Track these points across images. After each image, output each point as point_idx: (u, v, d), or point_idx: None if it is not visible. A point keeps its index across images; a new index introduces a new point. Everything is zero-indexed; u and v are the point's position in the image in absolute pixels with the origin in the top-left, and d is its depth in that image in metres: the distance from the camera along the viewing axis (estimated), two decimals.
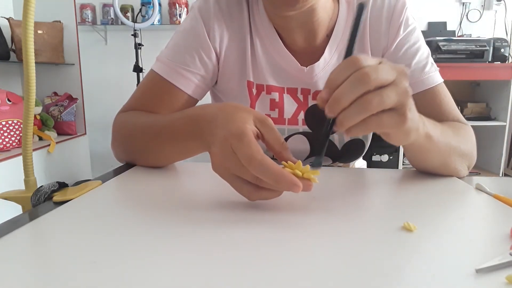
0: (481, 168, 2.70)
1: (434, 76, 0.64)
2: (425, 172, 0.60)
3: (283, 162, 0.42)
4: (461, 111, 2.60)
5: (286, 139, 0.69)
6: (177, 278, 0.27)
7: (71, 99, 2.36)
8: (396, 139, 0.43)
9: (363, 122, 0.37)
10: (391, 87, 0.37)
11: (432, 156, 0.54)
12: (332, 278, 0.27)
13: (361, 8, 0.42)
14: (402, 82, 0.38)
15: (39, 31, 2.18)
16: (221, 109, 0.44)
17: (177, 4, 2.68)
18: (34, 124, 2.08)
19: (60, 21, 2.32)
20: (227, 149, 0.39)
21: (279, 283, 0.27)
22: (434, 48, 2.40)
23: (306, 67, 0.66)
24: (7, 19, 2.13)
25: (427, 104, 0.63)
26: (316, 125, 0.68)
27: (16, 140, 1.91)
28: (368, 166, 0.84)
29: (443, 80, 0.65)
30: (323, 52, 0.66)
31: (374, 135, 0.74)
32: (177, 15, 2.70)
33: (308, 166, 0.40)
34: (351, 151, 0.72)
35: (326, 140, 0.41)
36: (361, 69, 0.36)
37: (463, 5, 2.80)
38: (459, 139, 0.58)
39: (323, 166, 0.72)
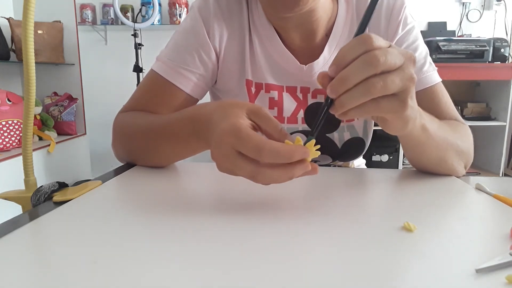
0: (481, 168, 2.70)
1: (432, 75, 0.64)
2: (424, 171, 0.60)
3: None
4: (461, 111, 2.61)
5: None
6: (177, 277, 0.27)
7: (71, 99, 2.36)
8: (393, 126, 0.43)
9: (361, 106, 0.37)
10: (397, 72, 0.37)
11: (429, 150, 0.54)
12: (332, 278, 0.27)
13: (374, 1, 0.41)
14: (409, 67, 0.38)
15: (39, 31, 2.19)
16: (216, 108, 0.44)
17: (177, 4, 2.68)
18: (34, 124, 2.09)
19: (60, 21, 2.33)
20: (224, 148, 0.39)
21: (279, 283, 0.27)
22: (434, 48, 2.40)
23: (305, 65, 0.66)
24: (7, 19, 2.13)
25: (425, 103, 0.63)
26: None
27: (16, 140, 1.91)
28: (368, 166, 0.84)
29: (441, 79, 0.65)
30: (323, 51, 0.66)
31: (374, 134, 0.75)
32: (177, 15, 2.70)
33: (313, 141, 0.39)
34: (351, 149, 0.72)
35: (321, 120, 0.40)
36: (370, 51, 0.36)
37: (463, 5, 2.80)
38: (457, 136, 0.58)
39: (323, 165, 0.72)
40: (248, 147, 0.37)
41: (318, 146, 0.40)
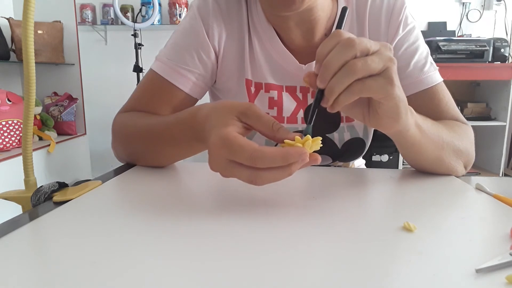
0: (481, 168, 2.70)
1: (433, 75, 0.64)
2: (423, 171, 0.60)
3: (281, 144, 0.40)
4: (461, 111, 2.58)
5: None
6: (177, 277, 0.27)
7: (71, 99, 2.36)
8: (386, 110, 0.43)
9: (348, 88, 0.39)
10: (375, 54, 0.39)
11: (425, 149, 0.54)
12: (332, 278, 0.27)
13: (344, 11, 0.45)
14: (386, 51, 0.40)
15: (39, 31, 2.18)
16: (209, 113, 0.44)
17: (177, 4, 2.68)
18: (34, 124, 2.09)
19: (60, 21, 2.32)
20: (219, 160, 0.39)
21: (279, 283, 0.27)
22: (434, 48, 2.40)
23: (305, 65, 0.66)
24: (7, 19, 2.13)
25: (426, 103, 0.63)
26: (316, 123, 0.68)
27: (16, 140, 1.91)
28: (368, 166, 0.84)
29: (442, 79, 0.65)
30: None
31: (374, 134, 0.74)
32: (177, 15, 2.70)
33: (308, 136, 0.39)
34: (351, 149, 0.71)
35: (314, 110, 0.42)
36: (345, 38, 0.39)
37: (463, 5, 2.80)
38: (453, 135, 0.58)
39: (322, 165, 0.72)
40: (242, 158, 0.37)
41: (319, 140, 0.40)
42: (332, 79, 0.39)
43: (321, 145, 0.40)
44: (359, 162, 0.85)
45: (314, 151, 0.40)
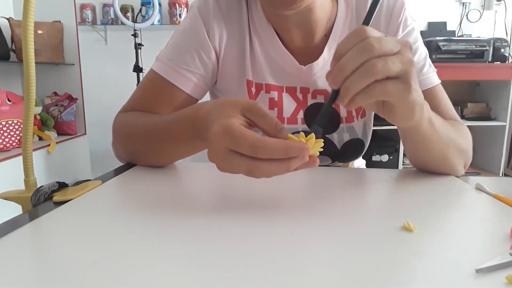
0: (481, 168, 2.70)
1: (432, 77, 0.64)
2: (424, 169, 0.60)
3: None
4: (461, 111, 2.61)
5: None
6: (178, 277, 0.27)
7: (71, 99, 2.36)
8: (401, 114, 0.43)
9: (367, 89, 0.38)
10: (395, 55, 0.38)
11: (433, 146, 0.54)
12: (332, 278, 0.27)
13: (376, 2, 0.43)
14: (407, 52, 0.39)
15: (39, 31, 2.19)
16: (212, 108, 0.44)
17: (177, 4, 2.68)
18: (34, 124, 2.09)
19: (60, 21, 2.33)
20: (218, 149, 0.39)
21: (279, 283, 0.27)
22: (434, 48, 2.40)
23: (305, 66, 0.66)
24: (7, 19, 2.13)
25: None
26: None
27: (16, 140, 1.91)
28: (368, 166, 0.84)
29: (440, 81, 0.65)
30: (322, 52, 0.66)
31: (374, 134, 0.75)
32: (177, 15, 2.70)
33: (312, 135, 0.39)
34: (350, 150, 0.72)
35: (328, 109, 0.41)
36: (365, 39, 0.37)
37: (463, 5, 2.80)
38: (457, 133, 0.58)
39: (322, 166, 0.72)
40: (243, 146, 0.37)
41: (321, 143, 0.39)
42: (349, 79, 0.38)
43: (322, 149, 0.40)
44: (359, 162, 0.85)
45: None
